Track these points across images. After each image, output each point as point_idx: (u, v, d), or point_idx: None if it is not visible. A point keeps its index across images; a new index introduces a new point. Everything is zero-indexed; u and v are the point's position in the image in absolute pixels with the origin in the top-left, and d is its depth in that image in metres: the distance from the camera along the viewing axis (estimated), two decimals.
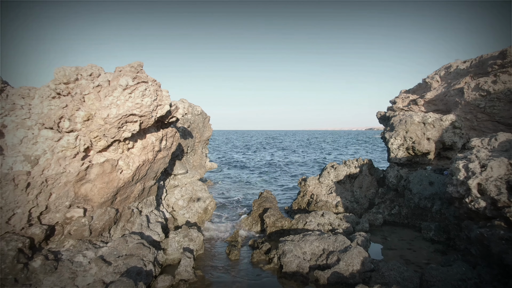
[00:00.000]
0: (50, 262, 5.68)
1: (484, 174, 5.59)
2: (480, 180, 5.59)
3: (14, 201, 5.78)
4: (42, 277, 5.49)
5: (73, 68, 6.44)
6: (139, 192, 7.53)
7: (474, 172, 5.81)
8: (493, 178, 5.46)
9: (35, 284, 5.42)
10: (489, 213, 5.38)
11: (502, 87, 9.91)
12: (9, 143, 6.21)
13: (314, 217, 8.86)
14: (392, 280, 5.63)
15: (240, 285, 6.17)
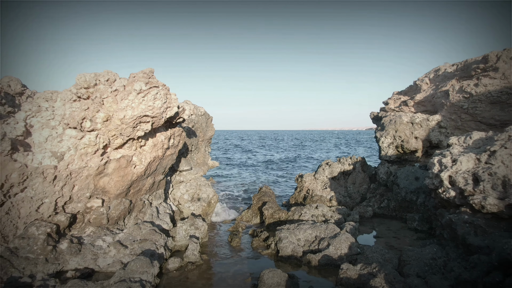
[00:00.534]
0: (75, 245, 6.48)
1: (454, 168, 6.38)
2: (451, 173, 6.37)
3: (42, 192, 6.58)
4: (68, 257, 6.30)
5: (92, 74, 7.23)
6: (150, 186, 8.33)
7: (446, 166, 6.59)
8: (462, 171, 6.25)
9: (63, 264, 6.23)
10: (458, 201, 6.15)
11: (483, 90, 10.69)
12: (36, 141, 7.01)
13: (308, 209, 9.66)
14: (375, 261, 6.42)
15: (241, 267, 6.97)
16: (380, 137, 12.03)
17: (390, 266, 6.13)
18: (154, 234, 7.22)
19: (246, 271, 6.72)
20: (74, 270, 6.21)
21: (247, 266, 6.98)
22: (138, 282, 5.36)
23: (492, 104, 10.65)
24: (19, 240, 6.14)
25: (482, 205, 5.61)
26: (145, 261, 5.80)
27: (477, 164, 6.31)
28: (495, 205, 5.51)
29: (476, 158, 6.36)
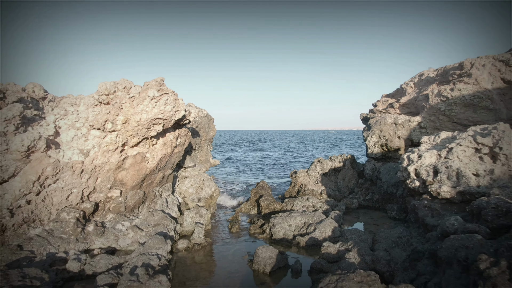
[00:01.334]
0: (99, 228, 7.66)
1: (419, 162, 7.54)
2: (416, 166, 7.54)
3: (71, 183, 7.75)
4: (94, 238, 7.48)
5: (112, 83, 8.40)
6: (160, 179, 9.50)
7: (413, 160, 7.75)
8: (425, 165, 7.41)
9: (90, 243, 7.40)
10: (421, 190, 7.31)
11: (458, 94, 11.85)
12: (64, 140, 8.18)
13: (300, 200, 10.84)
14: (353, 241, 7.59)
15: (240, 247, 8.14)
16: (367, 136, 13.20)
17: (366, 244, 7.30)
18: (165, 219, 8.40)
19: (244, 250, 7.89)
20: (99, 248, 7.40)
21: (245, 247, 8.16)
22: (155, 255, 6.54)
23: (466, 106, 11.81)
24: (54, 223, 7.32)
25: (438, 192, 6.77)
26: (160, 239, 6.99)
27: (438, 159, 7.48)
28: (448, 192, 6.67)
29: (438, 153, 7.53)
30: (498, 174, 6.65)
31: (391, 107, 15.09)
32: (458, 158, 7.06)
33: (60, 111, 8.41)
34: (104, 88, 8.23)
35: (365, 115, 16.09)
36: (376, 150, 12.87)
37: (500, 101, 11.57)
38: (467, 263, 4.29)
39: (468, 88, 11.80)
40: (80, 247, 7.17)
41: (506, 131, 6.92)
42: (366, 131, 13.59)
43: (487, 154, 6.98)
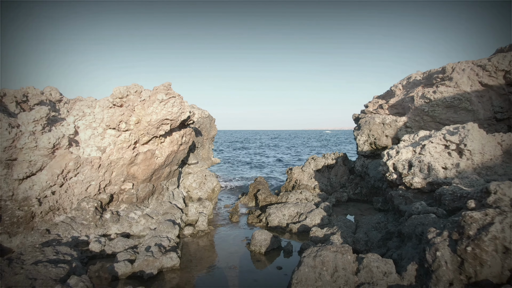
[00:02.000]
0: (115, 216, 8.68)
1: (396, 157, 8.55)
2: (394, 161, 8.54)
3: (90, 177, 8.76)
4: (111, 224, 8.49)
5: (125, 87, 9.41)
6: (167, 174, 10.51)
7: (391, 156, 8.76)
8: (401, 160, 8.42)
9: (107, 229, 8.42)
10: (398, 181, 8.32)
11: (440, 96, 12.86)
12: (82, 138, 9.19)
13: (294, 194, 11.85)
14: (338, 226, 8.61)
15: (239, 233, 9.16)
16: (357, 135, 14.22)
17: (349, 230, 8.32)
18: (173, 209, 9.42)
19: (243, 236, 8.91)
20: (115, 234, 8.41)
21: (244, 233, 9.17)
22: (165, 238, 7.56)
23: (447, 108, 12.82)
24: (75, 211, 8.33)
25: (411, 183, 7.78)
26: (169, 224, 8.00)
27: (413, 154, 8.49)
28: (420, 183, 7.68)
29: (413, 150, 8.54)
30: (463, 167, 7.66)
31: (380, 108, 16.10)
32: (429, 154, 8.07)
33: (79, 113, 9.42)
34: (118, 92, 9.24)
35: (357, 115, 17.10)
36: (366, 148, 13.88)
37: (478, 102, 12.59)
38: (422, 236, 5.31)
39: (449, 90, 12.81)
40: (99, 232, 8.18)
41: (471, 129, 7.93)
42: (356, 131, 14.61)
43: (455, 150, 8.00)
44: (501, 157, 7.71)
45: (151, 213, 9.20)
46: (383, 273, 5.04)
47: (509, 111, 12.06)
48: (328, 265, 5.14)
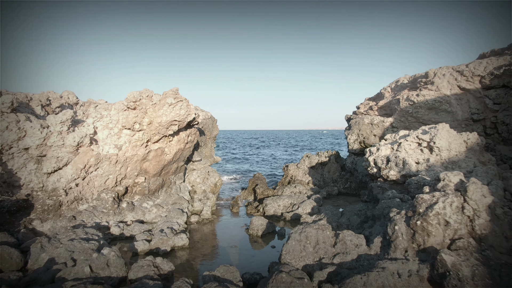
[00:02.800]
0: (130, 205, 9.89)
1: (377, 154, 9.75)
2: (374, 157, 9.75)
3: (108, 171, 9.97)
4: (127, 213, 9.70)
5: (138, 92, 10.61)
6: (175, 169, 11.72)
7: (372, 152, 9.96)
8: (380, 156, 9.63)
9: (124, 216, 9.63)
10: (377, 175, 9.52)
11: (423, 99, 14.06)
12: (100, 137, 10.39)
13: (289, 188, 13.06)
14: (325, 214, 9.81)
15: (239, 221, 10.37)
16: (348, 134, 15.43)
17: (335, 217, 9.53)
18: (180, 200, 10.63)
19: (242, 223, 10.13)
20: (131, 220, 9.62)
21: (243, 220, 10.39)
22: (175, 223, 8.77)
23: (429, 109, 14.01)
24: (96, 201, 9.55)
25: (387, 176, 8.99)
26: (178, 212, 9.22)
27: (391, 151, 9.69)
28: (395, 175, 8.89)
29: (391, 147, 9.75)
30: (433, 162, 8.86)
31: (370, 109, 17.31)
32: (405, 150, 9.27)
33: (97, 115, 10.63)
34: (132, 96, 10.45)
35: (349, 116, 18.30)
36: (355, 146, 15.09)
37: (457, 105, 13.78)
38: (388, 216, 6.52)
39: (431, 94, 14.01)
40: (117, 218, 9.40)
41: (440, 129, 9.14)
42: (347, 130, 15.82)
43: (426, 147, 9.20)
44: (465, 153, 8.91)
45: (161, 203, 10.42)
46: (355, 245, 6.27)
47: (484, 113, 13.26)
48: (311, 239, 6.37)
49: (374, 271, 5.12)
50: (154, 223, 9.65)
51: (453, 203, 5.57)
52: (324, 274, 5.60)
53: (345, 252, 6.23)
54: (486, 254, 5.24)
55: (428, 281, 5.27)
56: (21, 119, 8.77)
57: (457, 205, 5.57)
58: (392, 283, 5.04)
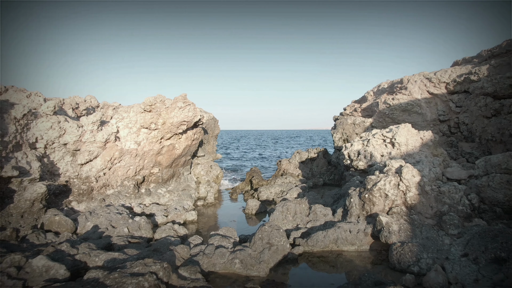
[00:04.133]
0: (147, 191, 12.00)
1: (350, 148, 11.85)
2: (348, 151, 11.85)
3: (129, 163, 12.07)
4: (145, 197, 11.81)
5: (153, 98, 12.69)
6: (183, 162, 13.83)
7: (347, 147, 12.07)
8: (353, 150, 11.73)
9: (143, 200, 11.73)
10: (350, 166, 11.62)
11: (397, 102, 16.16)
12: (121, 135, 12.48)
13: (280, 179, 15.17)
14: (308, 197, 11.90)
15: (237, 204, 12.48)
16: (334, 133, 17.55)
17: (316, 200, 11.62)
18: (188, 187, 12.75)
19: (240, 206, 12.25)
20: (149, 203, 11.72)
21: (240, 204, 12.51)
22: (185, 204, 10.88)
23: (403, 111, 16.12)
24: (120, 187, 11.65)
25: (357, 166, 11.09)
26: (187, 196, 11.34)
27: (362, 146, 11.79)
28: (363, 166, 10.99)
29: (362, 143, 11.85)
30: (394, 154, 10.95)
31: (355, 111, 19.42)
32: (372, 145, 11.38)
33: (119, 116, 12.72)
34: (148, 101, 12.54)
35: (336, 117, 20.41)
36: (340, 144, 17.19)
37: (426, 107, 15.89)
38: (347, 193, 8.63)
39: (404, 98, 16.12)
40: (137, 201, 11.50)
41: (400, 128, 11.23)
42: (333, 129, 17.94)
43: (389, 143, 11.30)
44: (420, 147, 11.01)
45: (173, 190, 12.53)
46: (324, 214, 8.39)
47: (449, 114, 15.37)
48: (291, 210, 8.49)
49: (332, 229, 7.25)
50: (168, 205, 11.74)
51: (391, 181, 7.68)
52: (298, 233, 7.71)
53: (315, 219, 8.35)
54: (413, 217, 7.35)
55: (371, 236, 7.39)
56: (61, 120, 10.85)
57: (394, 183, 7.68)
58: (344, 236, 7.17)
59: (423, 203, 7.69)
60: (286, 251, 6.56)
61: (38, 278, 4.87)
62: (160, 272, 4.73)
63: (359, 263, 6.67)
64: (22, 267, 5.01)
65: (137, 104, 12.97)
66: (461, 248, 6.42)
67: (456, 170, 9.20)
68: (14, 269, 4.88)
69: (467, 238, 6.53)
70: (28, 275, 4.89)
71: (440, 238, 6.84)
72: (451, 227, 7.02)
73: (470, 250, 6.15)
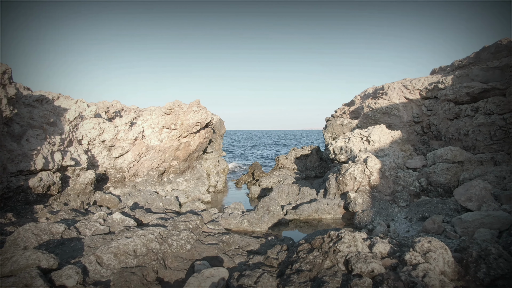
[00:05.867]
0: (168, 180, 14.62)
1: (335, 145, 14.46)
2: (333, 147, 14.44)
3: (153, 157, 14.68)
4: (167, 184, 14.42)
5: (172, 103, 15.30)
6: (196, 157, 16.44)
7: (332, 144, 14.67)
8: (337, 146, 14.33)
9: (165, 186, 14.33)
10: (334, 159, 14.22)
11: (379, 106, 18.77)
12: (146, 134, 15.08)
13: (278, 171, 17.79)
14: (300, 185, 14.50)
15: (242, 191, 15.10)
16: (325, 133, 20.17)
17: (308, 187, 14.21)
18: (201, 177, 15.38)
19: (244, 192, 14.86)
20: (170, 189, 14.32)
21: (245, 191, 15.13)
22: (201, 190, 13.49)
23: (384, 114, 18.72)
24: (146, 176, 14.25)
25: (339, 159, 13.69)
26: (201, 183, 13.97)
27: (344, 143, 14.39)
28: (344, 159, 13.58)
29: (344, 140, 14.45)
30: (369, 149, 13.55)
31: (344, 113, 22.04)
32: (352, 142, 13.98)
33: (143, 118, 15.33)
34: (168, 106, 15.15)
35: (328, 118, 23.02)
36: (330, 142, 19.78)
37: (403, 110, 18.48)
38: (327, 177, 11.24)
39: (385, 102, 18.72)
40: (161, 188, 14.11)
41: (375, 128, 13.82)
42: (324, 129, 20.56)
43: (366, 140, 13.90)
44: (390, 143, 13.62)
45: (189, 179, 15.15)
46: (310, 194, 11.01)
47: (422, 117, 17.97)
48: (285, 191, 11.11)
49: (314, 202, 9.87)
50: (186, 191, 14.35)
51: (359, 168, 10.29)
52: (290, 207, 10.32)
53: (303, 198, 10.96)
54: (374, 194, 9.97)
55: (343, 208, 10.00)
56: (100, 122, 13.46)
57: (361, 169, 10.29)
58: (323, 207, 9.79)
59: (383, 184, 10.30)
60: (280, 216, 9.17)
61: (116, 226, 7.49)
62: (197, 221, 7.35)
63: (333, 226, 9.28)
64: (105, 219, 7.63)
65: (159, 108, 15.58)
66: (404, 214, 9.04)
67: (413, 161, 11.83)
68: (102, 220, 7.50)
69: (410, 207, 9.16)
70: (109, 224, 7.51)
71: (392, 208, 9.46)
72: (401, 201, 9.64)
73: (408, 214, 8.78)
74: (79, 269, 4.83)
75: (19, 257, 4.80)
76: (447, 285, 4.32)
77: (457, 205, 8.11)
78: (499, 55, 14.68)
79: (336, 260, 5.03)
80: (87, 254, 5.48)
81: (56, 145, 11.04)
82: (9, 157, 9.16)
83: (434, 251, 4.76)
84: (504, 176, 9.04)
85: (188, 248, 6.24)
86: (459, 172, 10.35)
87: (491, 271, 4.52)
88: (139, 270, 5.26)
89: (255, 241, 7.10)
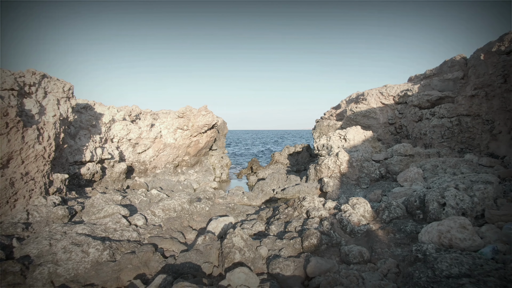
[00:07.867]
0: (181, 171, 17.77)
1: (318, 142, 17.56)
2: (317, 144, 17.55)
3: (169, 152, 17.81)
4: (181, 175, 17.57)
5: (184, 108, 18.42)
6: (204, 153, 19.58)
7: (317, 142, 17.78)
8: (320, 144, 17.43)
9: (179, 177, 17.47)
10: (318, 154, 17.33)
11: (359, 110, 21.89)
12: (163, 134, 18.21)
13: (273, 165, 20.93)
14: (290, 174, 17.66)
15: (242, 181, 18.25)
16: (313, 133, 23.32)
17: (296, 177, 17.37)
18: (209, 169, 18.54)
19: (244, 181, 18.02)
20: (183, 179, 17.45)
21: (244, 180, 18.28)
22: (210, 179, 16.64)
23: (363, 116, 21.85)
24: (164, 168, 17.39)
25: (321, 154, 16.82)
26: (209, 174, 17.13)
27: (326, 141, 17.51)
28: (325, 154, 16.70)
29: (326, 139, 17.58)
30: (346, 146, 16.68)
31: (331, 116, 25.19)
32: (332, 140, 17.11)
33: (161, 120, 18.47)
34: (181, 110, 18.27)
35: (318, 120, 26.16)
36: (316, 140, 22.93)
37: (380, 113, 21.61)
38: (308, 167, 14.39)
39: (364, 106, 21.85)
40: (176, 178, 17.24)
41: (351, 129, 16.95)
42: (313, 130, 23.71)
43: (343, 138, 17.03)
44: (363, 141, 16.74)
45: (198, 171, 18.30)
46: (295, 180, 14.19)
47: (395, 119, 21.09)
48: (275, 178, 14.29)
49: (297, 185, 13.02)
50: (197, 180, 17.47)
51: (332, 160, 13.43)
52: (279, 189, 13.47)
53: (290, 183, 14.10)
54: (343, 179, 13.11)
55: (319, 190, 13.14)
56: (128, 124, 16.58)
57: (334, 160, 13.43)
58: (304, 189, 12.93)
59: (351, 172, 13.44)
60: (271, 195, 12.31)
61: (154, 198, 10.62)
62: (211, 195, 10.50)
63: None
64: (146, 194, 10.77)
65: (173, 111, 18.71)
66: (363, 193, 12.17)
67: (378, 155, 14.96)
68: (144, 194, 10.64)
69: (368, 188, 12.29)
70: (149, 197, 10.64)
71: (355, 189, 12.60)
72: (363, 184, 12.77)
73: (366, 192, 11.92)
74: (143, 216, 7.97)
75: (108, 208, 7.94)
76: (363, 222, 7.46)
77: (398, 185, 11.24)
78: (452, 69, 17.82)
79: (301, 211, 8.17)
80: (145, 209, 8.63)
81: (97, 142, 14.17)
82: (69, 151, 12.29)
83: (359, 204, 7.90)
84: (437, 165, 12.18)
85: (207, 209, 9.38)
86: (410, 163, 13.48)
87: (390, 215, 7.65)
88: (178, 219, 8.40)
89: (252, 209, 10.24)
